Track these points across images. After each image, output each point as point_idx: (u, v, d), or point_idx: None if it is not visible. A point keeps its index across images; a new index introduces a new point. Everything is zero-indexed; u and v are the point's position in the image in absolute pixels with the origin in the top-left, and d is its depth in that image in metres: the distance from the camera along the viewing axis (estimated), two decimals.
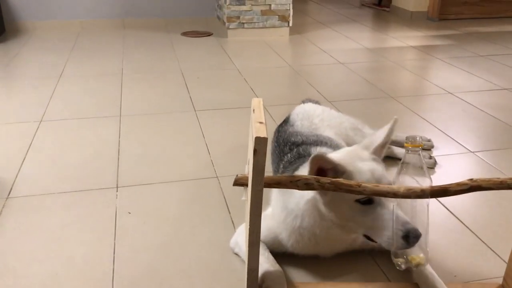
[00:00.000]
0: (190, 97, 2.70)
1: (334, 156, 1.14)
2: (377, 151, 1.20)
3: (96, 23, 4.40)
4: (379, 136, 1.19)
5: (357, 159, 1.16)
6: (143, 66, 3.28)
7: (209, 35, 4.20)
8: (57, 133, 2.24)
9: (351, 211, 1.14)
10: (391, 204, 1.10)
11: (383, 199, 1.10)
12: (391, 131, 1.18)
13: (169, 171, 1.89)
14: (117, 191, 1.75)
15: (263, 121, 0.88)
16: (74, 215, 1.61)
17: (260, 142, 0.81)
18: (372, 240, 1.18)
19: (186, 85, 2.90)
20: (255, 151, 0.81)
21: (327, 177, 1.06)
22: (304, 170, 1.26)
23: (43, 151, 2.06)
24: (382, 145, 1.20)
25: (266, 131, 0.84)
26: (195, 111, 2.50)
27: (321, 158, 1.08)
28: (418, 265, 1.03)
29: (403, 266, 1.07)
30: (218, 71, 3.22)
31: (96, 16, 4.38)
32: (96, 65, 3.29)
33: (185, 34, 4.22)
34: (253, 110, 0.95)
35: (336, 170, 1.11)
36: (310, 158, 1.07)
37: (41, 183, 1.80)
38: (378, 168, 1.14)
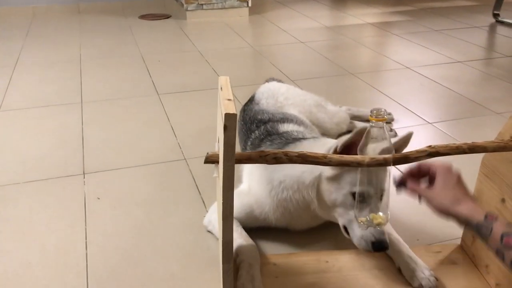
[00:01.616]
0: (152, 81, 2.68)
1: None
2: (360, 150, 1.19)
3: (49, 9, 4.26)
4: (366, 137, 1.18)
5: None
6: (101, 52, 3.21)
7: (167, 18, 4.14)
8: (17, 123, 2.18)
9: (344, 199, 1.20)
10: (378, 210, 1.13)
11: (373, 202, 1.12)
12: (402, 140, 1.16)
13: (136, 156, 1.88)
14: (84, 177, 1.73)
15: (231, 98, 0.90)
16: (42, 203, 1.59)
17: (229, 118, 0.83)
18: (347, 234, 1.23)
19: (147, 69, 2.87)
20: (225, 127, 0.83)
21: (352, 153, 1.09)
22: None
23: (3, 141, 2.00)
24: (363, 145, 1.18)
25: (235, 108, 0.86)
26: (158, 95, 2.48)
27: (364, 131, 1.09)
28: (379, 224, 1.09)
29: (365, 226, 1.13)
30: (179, 54, 3.20)
31: (50, 1, 4.24)
32: (53, 52, 3.20)
33: (143, 17, 4.15)
34: (221, 88, 0.97)
35: (361, 150, 1.12)
36: (359, 129, 1.09)
37: (5, 173, 1.76)
38: (380, 173, 1.15)
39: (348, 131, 2.04)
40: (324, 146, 1.22)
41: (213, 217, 1.41)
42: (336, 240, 1.40)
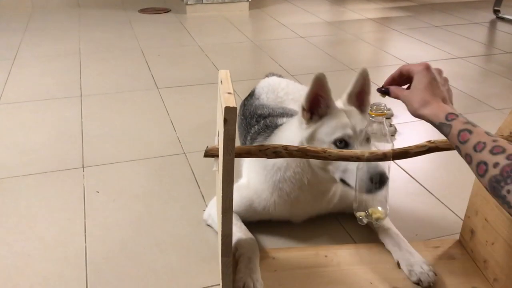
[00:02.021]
0: (152, 75, 2.67)
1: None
2: (351, 100, 1.28)
3: (49, 2, 4.24)
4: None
5: (340, 106, 1.27)
6: (101, 45, 3.20)
7: (167, 12, 4.13)
8: (16, 116, 2.18)
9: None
10: (367, 148, 1.14)
11: (360, 142, 1.16)
12: (360, 79, 1.27)
13: (135, 150, 1.88)
14: (83, 171, 1.73)
15: (232, 92, 0.90)
16: (41, 196, 1.59)
17: (230, 112, 0.83)
18: (348, 185, 1.22)
19: (147, 63, 2.86)
20: (225, 120, 0.83)
21: (318, 108, 1.21)
22: (288, 127, 1.35)
23: (2, 135, 2.00)
24: (356, 95, 1.28)
25: (235, 101, 0.86)
26: (157, 89, 2.48)
27: (323, 78, 1.18)
28: (378, 219, 1.09)
29: (364, 221, 1.13)
30: (179, 48, 3.19)
31: None
32: (52, 46, 3.19)
33: (142, 11, 4.14)
34: (221, 82, 0.97)
35: (327, 103, 1.21)
36: (314, 76, 1.15)
37: (4, 166, 1.76)
38: (355, 115, 1.24)
39: None
40: (298, 105, 1.26)
41: (213, 211, 1.41)
42: (335, 234, 1.41)
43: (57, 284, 1.23)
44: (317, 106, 1.23)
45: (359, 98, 1.28)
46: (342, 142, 1.19)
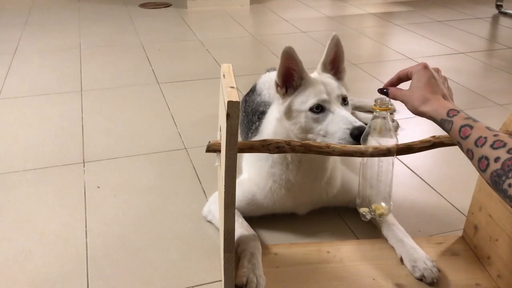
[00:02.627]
0: (153, 70, 2.66)
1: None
2: (326, 68, 1.31)
3: None
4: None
5: (313, 75, 1.29)
6: (101, 40, 3.19)
7: (167, 6, 4.11)
8: (16, 111, 2.17)
9: (307, 121, 1.22)
10: (342, 110, 1.20)
11: (334, 105, 1.20)
12: (331, 46, 1.28)
13: (136, 145, 1.87)
14: (84, 166, 1.72)
15: (234, 86, 0.89)
16: (41, 191, 1.58)
17: (232, 106, 0.82)
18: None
19: (147, 58, 2.85)
20: (228, 115, 0.82)
21: (293, 81, 1.23)
22: (270, 110, 1.38)
23: (3, 130, 1.99)
24: (330, 62, 1.31)
25: (238, 95, 0.84)
26: (158, 84, 2.47)
27: (291, 51, 1.19)
28: (381, 215, 1.08)
29: (367, 217, 1.12)
30: (179, 43, 3.17)
31: None
32: (52, 40, 3.17)
33: (143, 5, 4.11)
34: (223, 76, 0.96)
35: (300, 74, 1.22)
36: (283, 50, 1.17)
37: (4, 161, 1.75)
38: (329, 81, 1.26)
39: None
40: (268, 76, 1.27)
41: (213, 207, 1.40)
42: (338, 230, 1.40)
43: (57, 279, 1.22)
44: (291, 79, 1.24)
45: (333, 66, 1.31)
46: (319, 108, 1.20)
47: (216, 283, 1.20)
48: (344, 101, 1.23)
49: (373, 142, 1.10)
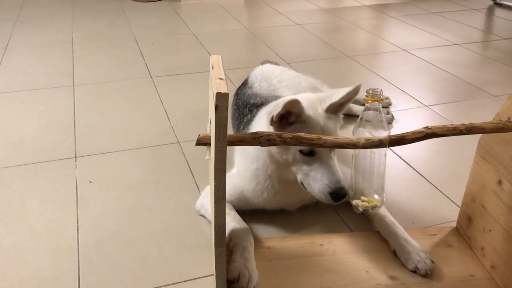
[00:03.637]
0: (146, 63, 2.64)
1: (303, 102, 1.16)
2: (332, 108, 1.22)
3: None
4: (338, 95, 1.20)
5: (314, 111, 1.20)
6: (94, 34, 3.16)
7: (161, 0, 4.07)
8: (8, 106, 2.14)
9: (294, 158, 1.20)
10: (331, 160, 1.18)
11: (324, 154, 1.17)
12: (351, 94, 1.19)
13: (128, 139, 1.86)
14: (75, 161, 1.71)
15: (223, 77, 0.87)
16: (33, 187, 1.56)
17: (221, 98, 0.80)
18: (304, 187, 1.23)
19: (140, 51, 2.82)
20: (216, 107, 0.81)
21: (289, 117, 1.16)
22: (261, 119, 1.31)
23: None
24: (339, 104, 1.22)
25: (227, 87, 0.83)
26: (151, 77, 2.45)
27: (296, 104, 1.12)
28: (374, 207, 1.08)
29: (360, 209, 1.11)
30: (173, 36, 3.15)
31: None
32: (44, 35, 3.14)
33: None
34: (212, 67, 0.94)
35: (299, 116, 1.17)
36: (286, 101, 1.10)
37: None
38: (329, 124, 1.19)
39: (344, 114, 2.02)
40: (268, 111, 1.21)
41: (206, 201, 1.39)
42: (331, 223, 1.39)
43: (49, 275, 1.21)
44: (287, 115, 1.17)
45: (341, 107, 1.24)
46: (310, 151, 1.17)
47: (208, 277, 1.19)
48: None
49: (366, 133, 1.09)
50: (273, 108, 1.16)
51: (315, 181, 1.17)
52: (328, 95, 1.23)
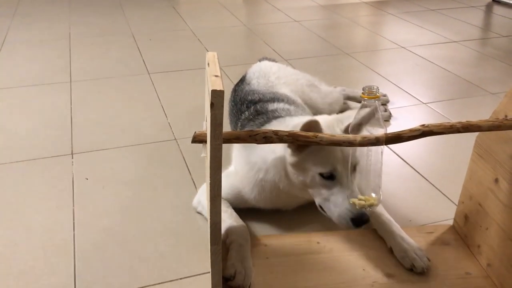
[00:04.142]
0: (143, 60, 2.63)
1: (321, 123, 1.13)
2: (349, 130, 1.14)
3: None
4: (357, 116, 1.16)
5: (332, 132, 1.16)
6: (91, 30, 3.15)
7: None
8: (4, 102, 2.14)
9: (312, 180, 1.17)
10: (352, 184, 1.13)
11: (345, 178, 1.14)
12: (369, 116, 1.11)
13: (125, 136, 1.85)
14: (72, 158, 1.70)
15: (219, 74, 0.87)
16: (29, 184, 1.56)
17: (216, 95, 0.80)
18: (323, 211, 1.22)
19: (138, 48, 2.81)
20: (212, 104, 0.80)
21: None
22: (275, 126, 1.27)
23: None
24: (357, 125, 1.13)
25: (222, 84, 0.82)
26: (149, 74, 2.44)
27: (315, 125, 1.08)
28: (371, 205, 1.07)
29: (357, 207, 1.11)
30: (171, 32, 3.14)
31: None
32: (41, 31, 3.12)
33: None
34: (208, 64, 0.94)
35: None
36: (305, 121, 1.06)
37: None
38: (347, 148, 1.14)
39: (341, 112, 2.02)
40: (287, 127, 1.17)
41: (203, 198, 1.39)
42: (328, 221, 1.37)
43: (44, 272, 1.21)
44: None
45: (358, 127, 1.17)
46: (330, 175, 1.15)
47: (205, 275, 1.19)
48: (354, 168, 1.15)
49: (362, 131, 1.08)
50: (292, 129, 1.12)
51: (336, 206, 1.14)
52: (345, 116, 1.20)
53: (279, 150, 1.22)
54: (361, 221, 1.13)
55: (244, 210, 1.36)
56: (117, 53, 2.73)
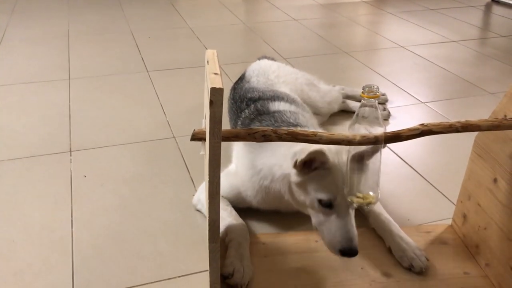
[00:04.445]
0: (142, 58, 2.62)
1: (328, 153, 1.12)
2: (357, 158, 1.09)
3: None
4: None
5: (340, 159, 1.14)
6: (90, 27, 3.14)
7: None
8: (3, 99, 2.13)
9: (312, 204, 1.16)
10: (348, 216, 1.12)
11: (343, 209, 1.12)
12: (375, 146, 1.07)
13: (124, 133, 1.85)
14: (70, 155, 1.70)
15: (218, 72, 0.87)
16: (27, 181, 1.55)
17: (216, 93, 0.80)
18: (317, 230, 1.19)
19: (137, 45, 2.81)
20: (211, 102, 0.80)
21: (313, 165, 1.12)
22: (283, 152, 1.24)
23: None
24: (363, 154, 1.10)
25: (222, 82, 0.82)
26: (147, 72, 2.43)
27: (321, 154, 1.08)
28: (369, 203, 1.07)
29: (355, 205, 1.11)
30: (170, 30, 3.13)
31: None
32: (40, 28, 3.11)
33: None
34: (207, 62, 0.94)
35: (324, 163, 1.12)
36: (312, 150, 1.06)
37: None
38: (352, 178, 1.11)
39: (341, 111, 2.02)
40: (289, 150, 1.18)
41: (202, 196, 1.39)
42: None
43: (42, 270, 1.20)
44: (311, 162, 1.13)
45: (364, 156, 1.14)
46: (328, 203, 1.13)
47: (203, 273, 1.19)
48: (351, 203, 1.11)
49: (361, 129, 1.08)
50: (299, 153, 1.12)
51: (328, 233, 1.14)
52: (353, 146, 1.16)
53: (286, 166, 1.20)
54: (349, 254, 1.10)
55: (244, 209, 1.36)
56: (115, 51, 2.73)
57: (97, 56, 2.65)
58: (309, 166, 1.14)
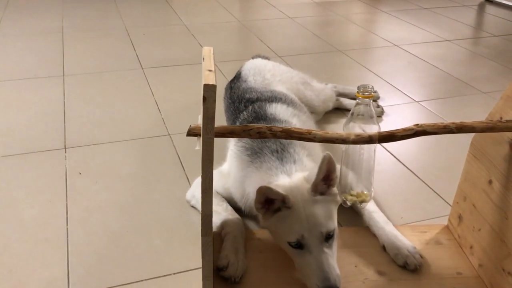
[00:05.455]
0: (137, 54, 2.61)
1: (281, 187, 1.10)
2: (318, 188, 1.11)
3: None
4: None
5: (301, 196, 1.11)
6: (85, 24, 3.13)
7: None
8: None
9: (285, 246, 1.12)
10: (323, 254, 1.07)
11: (315, 248, 1.07)
12: (323, 168, 1.08)
13: (119, 130, 1.85)
14: (65, 152, 1.70)
15: (212, 69, 0.87)
16: (21, 178, 1.55)
17: (208, 89, 0.81)
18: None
19: (131, 42, 2.80)
20: (204, 98, 0.81)
21: (275, 207, 1.08)
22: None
23: None
24: (316, 183, 1.10)
25: (215, 78, 0.83)
26: (142, 68, 2.43)
27: (267, 190, 1.06)
28: (362, 201, 1.08)
29: (348, 203, 1.11)
30: (164, 27, 3.12)
31: None
32: (34, 24, 3.10)
33: None
34: (203, 59, 0.94)
35: (284, 202, 1.08)
36: (258, 189, 1.05)
37: None
38: (315, 210, 1.09)
39: (335, 109, 2.03)
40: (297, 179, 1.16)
41: (197, 192, 1.39)
42: None
43: (37, 267, 1.20)
44: (271, 203, 1.10)
45: (326, 180, 1.12)
46: (298, 244, 1.08)
47: (198, 270, 1.20)
48: (328, 237, 1.08)
49: (356, 128, 1.09)
50: (310, 178, 1.09)
51: (303, 275, 1.08)
52: (312, 174, 1.12)
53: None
54: None
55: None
56: (110, 47, 2.72)
57: (92, 52, 2.64)
58: (270, 208, 1.10)
